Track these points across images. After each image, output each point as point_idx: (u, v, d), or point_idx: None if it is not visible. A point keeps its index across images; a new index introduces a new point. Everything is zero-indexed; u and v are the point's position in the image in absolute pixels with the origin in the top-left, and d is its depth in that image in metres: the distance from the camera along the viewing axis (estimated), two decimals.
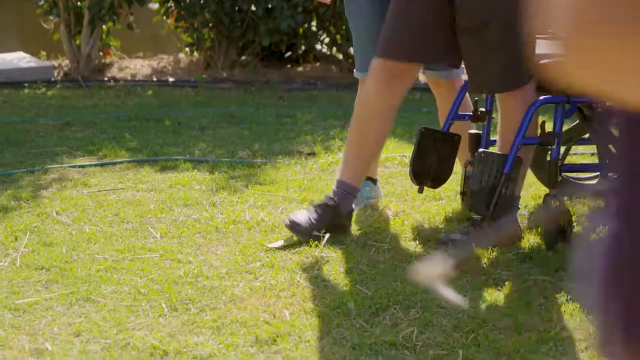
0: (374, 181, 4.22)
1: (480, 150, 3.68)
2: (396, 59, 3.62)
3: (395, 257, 3.52)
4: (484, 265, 3.46)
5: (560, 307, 3.12)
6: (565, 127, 3.87)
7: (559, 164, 3.71)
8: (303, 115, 6.58)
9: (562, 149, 4.03)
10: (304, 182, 4.57)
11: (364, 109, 3.71)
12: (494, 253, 3.58)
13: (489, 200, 3.62)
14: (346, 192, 3.76)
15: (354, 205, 4.03)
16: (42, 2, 8.30)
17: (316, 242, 3.62)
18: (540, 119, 4.10)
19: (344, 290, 3.21)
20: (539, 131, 3.74)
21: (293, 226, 3.60)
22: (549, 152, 3.78)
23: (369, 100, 3.69)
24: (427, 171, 3.90)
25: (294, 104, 7.21)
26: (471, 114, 4.00)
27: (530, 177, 4.39)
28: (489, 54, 3.57)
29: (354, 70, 4.14)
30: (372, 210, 4.07)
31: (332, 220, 3.70)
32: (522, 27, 3.52)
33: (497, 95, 3.74)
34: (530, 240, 3.74)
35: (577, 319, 3.03)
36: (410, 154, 4.21)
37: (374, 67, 3.67)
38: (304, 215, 3.66)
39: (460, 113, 4.02)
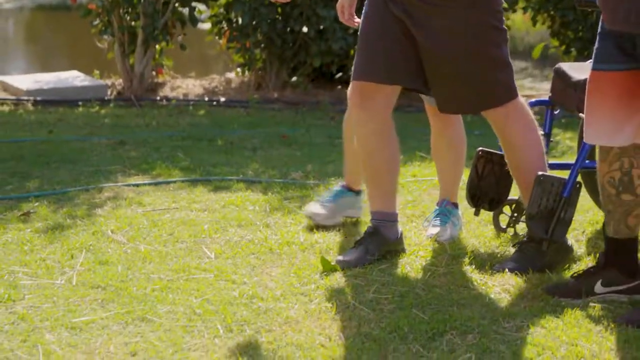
0: (357, 192, 4.20)
1: (539, 173, 3.63)
2: (364, 79, 3.61)
3: (452, 281, 3.48)
4: (541, 291, 3.41)
5: (620, 335, 3.06)
6: None
7: None
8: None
9: None
10: None
11: (358, 139, 3.70)
12: (552, 278, 3.53)
13: (548, 224, 3.58)
14: (381, 220, 3.72)
15: (328, 220, 4.04)
16: (96, 22, 8.39)
17: (371, 265, 3.60)
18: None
19: (399, 314, 3.18)
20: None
21: (345, 266, 3.57)
22: None
23: (356, 129, 3.69)
24: (485, 194, 3.86)
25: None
26: None
27: (587, 202, 4.33)
28: (456, 85, 3.57)
29: None
30: (428, 233, 4.03)
31: (380, 246, 3.67)
32: (487, 54, 3.51)
33: (485, 117, 3.68)
34: (589, 266, 3.68)
35: (637, 347, 2.98)
36: (464, 177, 4.19)
37: (350, 92, 3.68)
38: (352, 254, 3.64)
39: None
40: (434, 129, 4.04)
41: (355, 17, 3.88)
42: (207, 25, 9.41)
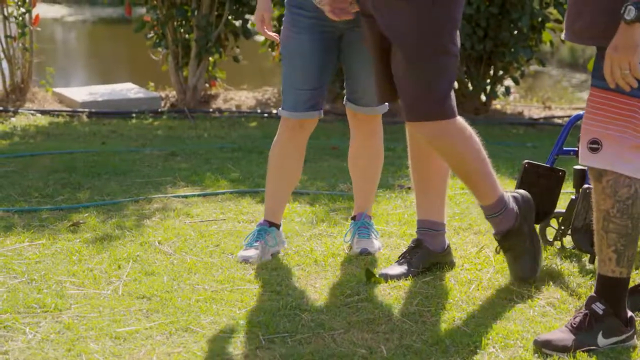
0: (277, 227, 3.97)
1: (585, 186, 3.60)
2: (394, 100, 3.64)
3: (496, 294, 3.47)
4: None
5: None
6: None
7: None
8: (404, 149, 6.54)
9: None
10: (404, 216, 4.54)
11: (411, 144, 3.71)
12: None
13: (593, 237, 3.53)
14: (428, 229, 3.72)
15: (265, 256, 3.85)
16: (151, 35, 8.49)
17: (415, 278, 3.59)
18: None
19: (442, 326, 3.17)
20: None
21: (388, 279, 3.57)
22: None
23: (412, 135, 3.72)
24: None
25: (394, 137, 7.18)
26: (576, 149, 3.93)
27: None
28: (402, 83, 3.45)
29: (280, 108, 3.98)
30: (472, 247, 4.02)
31: (424, 259, 3.67)
32: (431, 59, 3.40)
33: (416, 130, 3.56)
34: None
35: None
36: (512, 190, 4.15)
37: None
38: (396, 267, 3.65)
39: (565, 148, 3.96)
40: (355, 138, 4.04)
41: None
42: (261, 38, 9.47)
